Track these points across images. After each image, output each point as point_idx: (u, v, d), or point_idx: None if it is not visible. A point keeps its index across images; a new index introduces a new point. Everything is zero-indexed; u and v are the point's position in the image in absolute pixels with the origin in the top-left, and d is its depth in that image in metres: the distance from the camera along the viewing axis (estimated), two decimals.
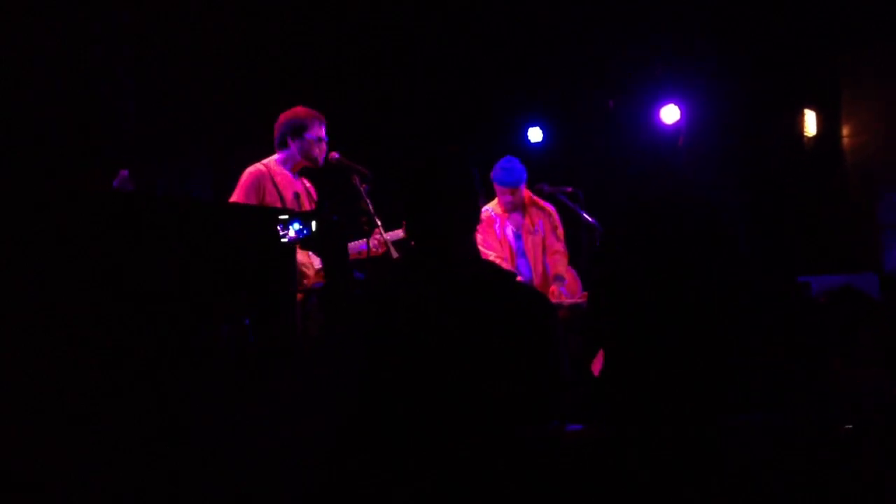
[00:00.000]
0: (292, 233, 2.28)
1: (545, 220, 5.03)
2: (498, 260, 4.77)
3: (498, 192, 4.96)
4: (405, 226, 2.10)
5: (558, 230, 5.05)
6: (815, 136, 6.66)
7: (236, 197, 3.98)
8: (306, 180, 4.26)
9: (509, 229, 4.98)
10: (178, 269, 2.80)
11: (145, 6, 4.85)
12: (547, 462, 1.21)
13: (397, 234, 4.02)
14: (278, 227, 2.28)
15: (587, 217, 4.83)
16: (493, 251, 4.87)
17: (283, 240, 2.27)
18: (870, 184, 6.43)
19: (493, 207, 4.98)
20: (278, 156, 4.12)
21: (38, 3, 4.39)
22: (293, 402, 2.28)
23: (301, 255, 3.93)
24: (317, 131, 4.09)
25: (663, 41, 6.26)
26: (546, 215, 5.04)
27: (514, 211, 4.99)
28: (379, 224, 3.85)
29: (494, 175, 4.92)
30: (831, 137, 6.61)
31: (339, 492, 1.83)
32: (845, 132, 6.61)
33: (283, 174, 4.08)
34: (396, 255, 3.84)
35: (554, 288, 4.83)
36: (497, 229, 4.96)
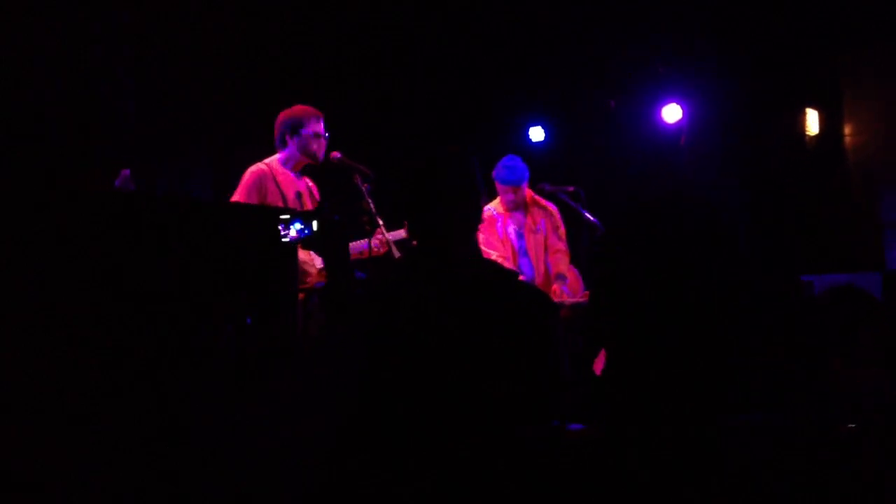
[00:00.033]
0: (294, 232, 2.27)
1: (547, 219, 5.03)
2: (500, 259, 4.77)
3: (500, 191, 4.95)
4: (407, 225, 2.10)
5: (560, 230, 5.05)
6: (816, 136, 6.64)
7: (238, 196, 3.98)
8: (309, 180, 4.25)
9: (511, 228, 4.98)
10: (178, 268, 2.79)
11: (145, 6, 4.85)
12: (547, 462, 1.21)
13: (399, 233, 4.00)
14: (280, 227, 2.27)
15: (589, 216, 4.83)
16: (495, 250, 4.87)
17: (285, 239, 2.27)
18: (872, 183, 6.41)
19: (495, 207, 4.98)
20: (280, 155, 4.13)
21: (38, 3, 4.39)
22: (293, 402, 2.28)
23: (303, 255, 3.92)
24: (313, 127, 4.08)
25: (665, 40, 6.25)
26: (547, 215, 5.04)
27: (516, 210, 4.99)
28: (381, 224, 3.83)
29: (497, 173, 4.92)
30: (833, 136, 6.59)
31: (339, 492, 1.83)
32: (847, 131, 6.60)
33: (284, 174, 4.08)
34: (398, 255, 3.83)
35: (556, 287, 4.82)
36: (499, 228, 4.95)
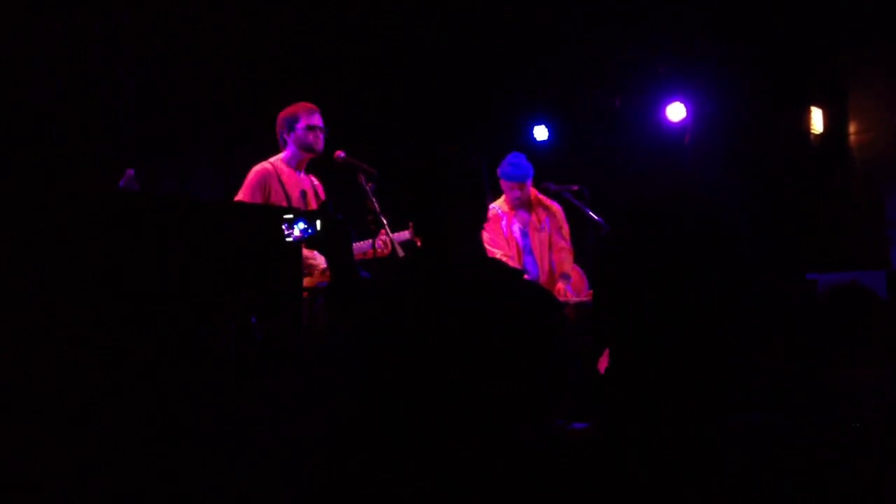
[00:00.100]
0: (297, 232, 2.27)
1: (551, 218, 5.03)
2: (504, 258, 4.76)
3: (505, 188, 4.94)
4: (412, 225, 2.10)
5: (563, 229, 5.04)
6: (821, 134, 6.62)
7: (242, 196, 3.98)
8: (314, 178, 4.25)
9: (516, 227, 4.97)
10: (178, 268, 2.79)
11: (145, 6, 4.85)
12: (547, 462, 1.21)
13: (403, 234, 3.99)
14: (283, 227, 2.27)
15: (593, 215, 4.83)
16: (499, 249, 4.86)
17: (288, 239, 2.27)
18: (876, 181, 6.40)
19: (499, 205, 4.97)
20: (283, 154, 4.14)
21: (38, 3, 4.39)
22: (293, 402, 2.28)
23: (307, 254, 3.92)
24: (307, 120, 4.09)
25: (669, 39, 6.24)
26: (552, 214, 5.04)
27: (520, 208, 4.98)
28: (385, 223, 3.81)
29: (502, 170, 4.91)
30: (837, 135, 6.57)
31: (339, 492, 1.83)
32: (852, 129, 6.58)
33: (289, 173, 4.09)
34: (402, 256, 3.81)
35: (560, 286, 4.82)
36: (504, 227, 4.94)
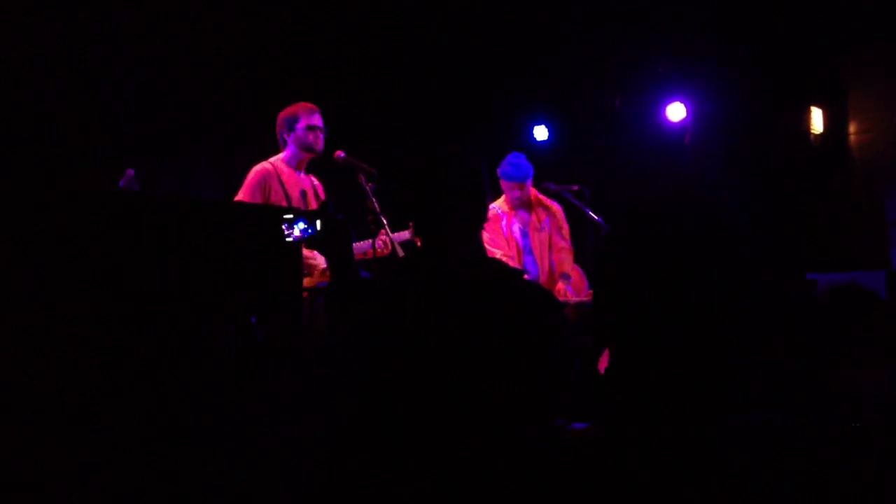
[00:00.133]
0: (297, 232, 2.27)
1: (551, 218, 5.03)
2: (504, 258, 4.76)
3: (505, 188, 4.94)
4: (412, 225, 2.10)
5: (563, 229, 5.04)
6: (821, 134, 6.62)
7: (242, 195, 3.98)
8: (315, 178, 4.25)
9: (516, 227, 4.97)
10: (178, 268, 2.79)
11: (145, 6, 4.85)
12: (547, 462, 1.21)
13: (403, 234, 3.99)
14: (283, 227, 2.27)
15: (593, 215, 4.83)
16: (499, 249, 4.86)
17: (288, 239, 2.27)
18: (877, 181, 6.39)
19: (499, 205, 4.97)
20: (283, 154, 4.14)
21: (38, 3, 4.39)
22: (293, 402, 2.28)
23: (307, 254, 3.92)
24: (306, 120, 4.09)
25: (669, 39, 6.24)
26: (551, 214, 5.04)
27: (520, 208, 4.98)
28: (385, 223, 3.81)
29: (502, 170, 4.91)
30: (837, 135, 6.57)
31: (339, 492, 1.83)
32: (852, 129, 6.57)
33: (289, 173, 4.09)
34: (402, 256, 3.80)
35: (560, 286, 4.82)
36: (504, 227, 4.94)
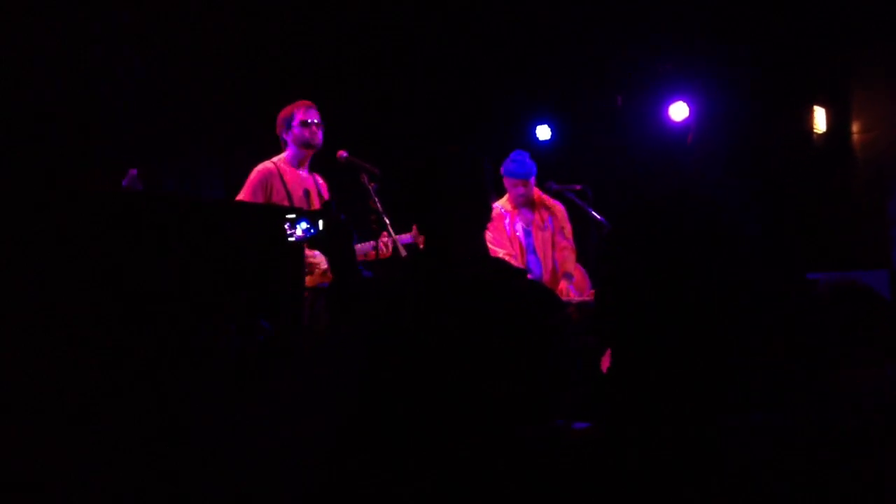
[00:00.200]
0: (299, 232, 2.27)
1: (553, 217, 5.02)
2: (507, 257, 4.75)
3: (509, 186, 4.94)
4: (415, 227, 2.10)
5: (566, 228, 5.04)
6: (824, 133, 6.61)
7: (243, 195, 3.98)
8: (319, 177, 4.25)
9: (519, 226, 4.96)
10: (178, 268, 2.79)
11: (145, 6, 4.85)
12: (547, 462, 1.21)
13: (406, 237, 3.98)
14: (285, 226, 2.27)
15: (596, 215, 4.83)
16: (502, 248, 4.85)
17: (290, 239, 2.26)
18: (880, 180, 6.38)
19: (503, 204, 4.97)
20: (285, 154, 4.14)
21: (38, 3, 4.39)
22: (293, 402, 2.28)
23: (308, 254, 3.91)
24: (302, 116, 4.09)
25: (672, 38, 6.24)
26: (554, 213, 5.04)
27: (524, 206, 4.97)
28: (388, 223, 3.79)
29: (505, 168, 4.91)
30: (840, 134, 6.55)
31: (339, 492, 1.83)
32: (855, 129, 6.56)
33: (292, 172, 4.09)
34: (405, 256, 3.80)
35: (563, 285, 4.81)
36: (507, 226, 4.94)
